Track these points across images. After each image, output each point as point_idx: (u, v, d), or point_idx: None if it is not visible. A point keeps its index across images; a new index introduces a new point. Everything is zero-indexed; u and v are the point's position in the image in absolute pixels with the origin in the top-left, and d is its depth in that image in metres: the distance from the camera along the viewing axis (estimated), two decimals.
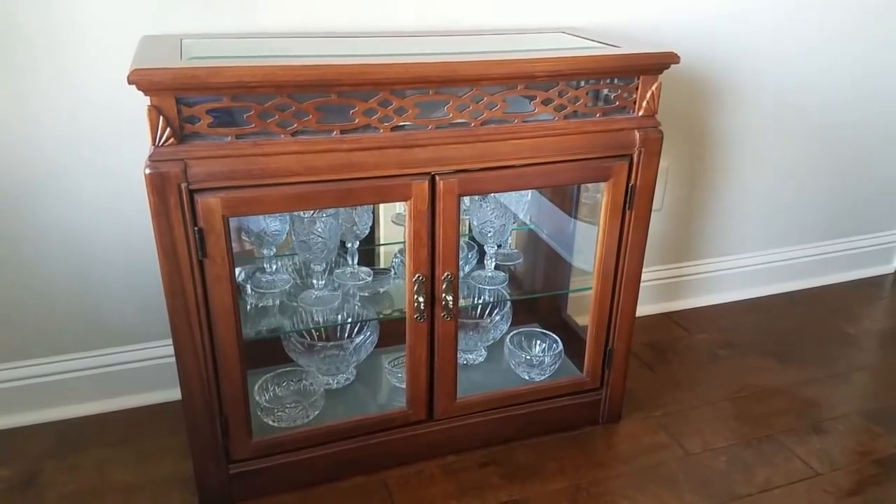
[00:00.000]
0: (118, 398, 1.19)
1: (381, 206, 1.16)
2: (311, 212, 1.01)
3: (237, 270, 1.12)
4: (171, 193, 0.79)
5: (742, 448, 1.15)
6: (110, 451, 1.10)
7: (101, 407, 1.19)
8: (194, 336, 0.87)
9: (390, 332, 1.12)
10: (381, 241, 1.21)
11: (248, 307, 1.13)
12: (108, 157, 1.05)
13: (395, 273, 1.20)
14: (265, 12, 1.04)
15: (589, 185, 1.15)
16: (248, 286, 1.12)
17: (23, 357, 1.13)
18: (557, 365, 1.18)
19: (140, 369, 1.19)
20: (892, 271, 1.80)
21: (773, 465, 1.12)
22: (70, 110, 1.01)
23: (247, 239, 1.09)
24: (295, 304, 1.11)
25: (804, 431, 1.20)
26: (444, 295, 0.97)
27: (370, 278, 1.15)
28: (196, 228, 0.82)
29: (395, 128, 0.87)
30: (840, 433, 1.20)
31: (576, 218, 1.21)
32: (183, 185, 0.79)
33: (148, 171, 0.78)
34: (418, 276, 0.95)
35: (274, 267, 1.12)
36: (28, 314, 1.11)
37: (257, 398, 1.06)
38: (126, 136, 1.04)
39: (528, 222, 1.29)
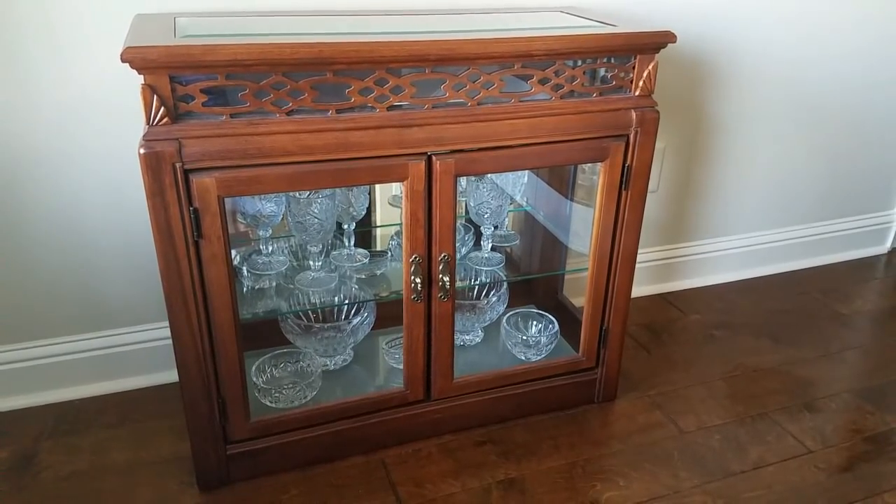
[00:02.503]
0: (116, 380, 1.20)
1: (378, 188, 1.16)
2: (307, 193, 1.00)
3: (233, 253, 1.12)
4: (166, 173, 0.78)
5: (736, 426, 1.17)
6: (108, 433, 1.11)
7: (99, 389, 1.19)
8: (190, 316, 0.87)
9: (387, 314, 1.13)
10: (379, 223, 1.21)
11: (245, 289, 1.13)
12: (105, 139, 1.04)
13: (392, 255, 1.20)
14: None
15: (585, 167, 1.15)
16: (245, 268, 1.12)
17: (21, 339, 1.13)
18: (553, 345, 1.19)
19: (138, 351, 1.19)
20: (886, 252, 1.81)
21: (767, 443, 1.13)
22: (65, 92, 1.00)
23: (242, 221, 1.09)
24: (292, 286, 1.11)
25: (797, 410, 1.22)
26: (440, 276, 0.97)
27: (367, 260, 1.15)
28: (191, 208, 0.81)
29: (392, 107, 0.87)
30: (832, 411, 1.21)
31: (572, 200, 1.21)
32: (178, 165, 0.78)
33: (142, 150, 0.77)
34: (415, 257, 0.95)
35: (270, 249, 1.11)
36: (26, 297, 1.10)
37: (255, 379, 1.06)
38: (122, 117, 1.03)
39: (524, 204, 1.29)
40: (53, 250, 1.09)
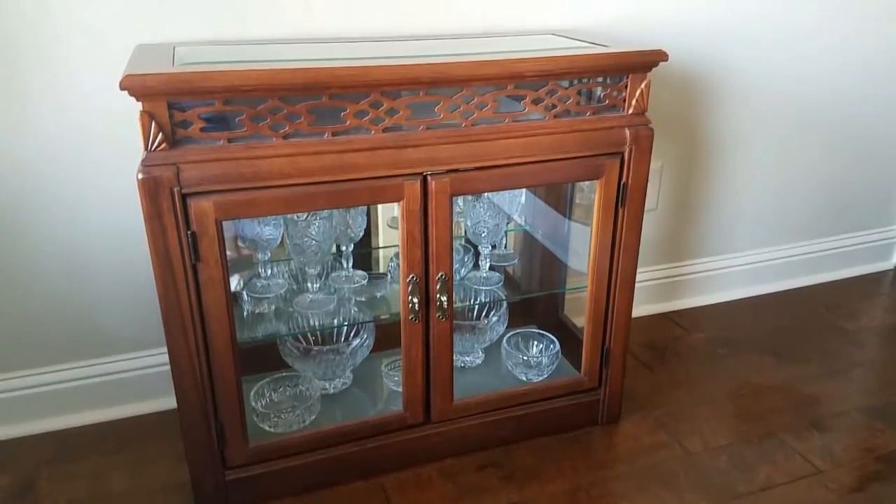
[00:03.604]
0: (116, 407, 1.19)
1: (380, 210, 1.17)
2: (305, 215, 1.01)
3: (236, 277, 1.13)
4: (164, 198, 0.79)
5: (742, 446, 1.15)
6: (107, 460, 1.10)
7: (98, 416, 1.18)
8: (188, 340, 0.87)
9: (387, 336, 1.12)
10: (380, 245, 1.22)
11: (245, 313, 1.13)
12: (103, 166, 1.05)
13: (391, 277, 1.20)
14: (258, 20, 1.05)
15: (583, 186, 1.15)
16: (245, 292, 1.12)
17: (20, 367, 1.13)
18: (555, 366, 1.18)
19: (138, 377, 1.19)
20: (892, 268, 1.80)
21: (774, 462, 1.11)
22: (63, 118, 1.01)
23: (242, 245, 1.10)
24: (291, 309, 1.11)
25: (804, 429, 1.19)
26: (438, 295, 0.97)
27: (365, 281, 1.15)
28: (189, 232, 0.82)
29: (387, 129, 0.88)
30: (841, 430, 1.19)
31: (570, 219, 1.21)
32: (175, 190, 0.79)
33: (140, 175, 0.78)
34: (412, 277, 0.95)
35: (269, 272, 1.12)
36: (25, 324, 1.11)
37: (253, 404, 1.05)
38: (120, 142, 1.04)
39: (523, 224, 1.30)
40: (52, 277, 1.10)
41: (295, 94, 0.81)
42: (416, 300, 0.95)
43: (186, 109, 0.79)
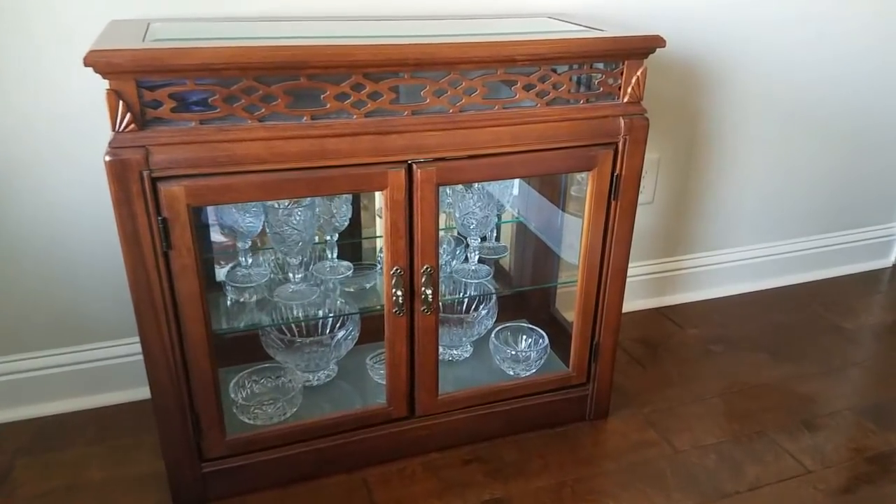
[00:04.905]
0: (96, 395, 1.17)
1: (376, 197, 1.13)
2: (286, 203, 0.98)
3: (221, 264, 1.10)
4: (133, 181, 0.76)
5: (732, 445, 1.12)
6: (86, 449, 1.07)
7: (78, 404, 1.16)
8: (161, 330, 0.84)
9: (374, 328, 1.09)
10: (375, 235, 1.18)
11: (229, 302, 1.10)
12: (81, 147, 1.02)
13: (381, 268, 1.16)
14: None
15: (578, 178, 1.12)
16: (226, 281, 1.09)
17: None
18: (543, 360, 1.15)
19: (119, 365, 1.16)
20: (891, 265, 1.77)
21: (764, 462, 1.09)
22: (40, 99, 0.98)
23: (222, 233, 1.06)
24: (274, 299, 1.08)
25: (796, 428, 1.17)
26: (423, 288, 0.94)
27: (350, 272, 1.12)
28: (160, 218, 0.78)
29: (370, 113, 0.84)
30: (832, 430, 1.17)
31: (564, 211, 1.17)
32: (145, 173, 0.76)
33: (108, 158, 0.75)
34: (396, 269, 0.91)
35: (250, 261, 1.09)
36: (4, 309, 1.08)
37: (233, 395, 1.03)
38: (99, 124, 1.00)
39: (515, 215, 1.26)
40: (32, 263, 1.06)
41: (270, 73, 0.77)
42: (400, 293, 0.92)
43: (156, 88, 0.75)
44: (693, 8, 1.28)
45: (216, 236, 1.08)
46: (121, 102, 0.73)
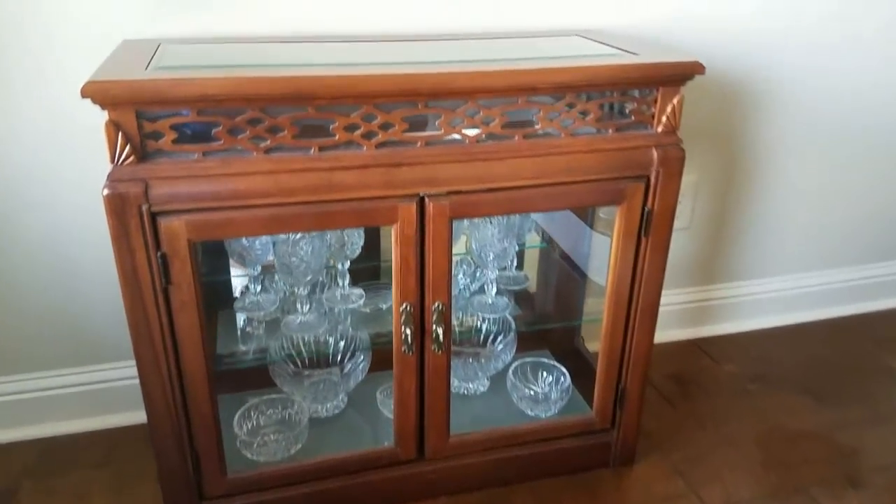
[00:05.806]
0: (104, 416, 1.15)
1: None
2: (294, 233, 0.94)
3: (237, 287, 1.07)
4: (132, 216, 0.72)
5: (767, 501, 1.04)
6: (91, 474, 1.06)
7: (85, 425, 1.14)
8: (160, 367, 0.81)
9: (387, 356, 1.04)
10: (386, 257, 1.13)
11: (238, 330, 1.07)
12: (89, 168, 1.00)
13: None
14: (252, 15, 0.98)
15: None
16: (236, 309, 1.06)
17: (6, 372, 1.10)
18: (565, 401, 1.08)
19: (127, 387, 1.14)
20: None
21: None
22: (48, 119, 0.96)
23: (230, 258, 1.03)
24: (282, 329, 1.04)
25: (839, 485, 1.07)
26: (434, 327, 0.88)
27: (362, 301, 1.07)
28: (159, 254, 0.75)
29: (381, 144, 0.79)
30: (881, 488, 1.07)
31: (593, 229, 1.09)
32: (144, 208, 0.73)
33: (106, 191, 0.71)
34: (405, 306, 0.86)
35: (258, 287, 1.05)
36: (12, 329, 1.07)
37: (236, 429, 0.99)
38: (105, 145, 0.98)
39: (539, 240, 1.20)
40: (37, 283, 1.05)
41: (276, 104, 0.73)
42: (409, 331, 0.87)
43: (157, 119, 0.72)
44: (732, 22, 1.19)
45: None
46: (120, 134, 0.70)
